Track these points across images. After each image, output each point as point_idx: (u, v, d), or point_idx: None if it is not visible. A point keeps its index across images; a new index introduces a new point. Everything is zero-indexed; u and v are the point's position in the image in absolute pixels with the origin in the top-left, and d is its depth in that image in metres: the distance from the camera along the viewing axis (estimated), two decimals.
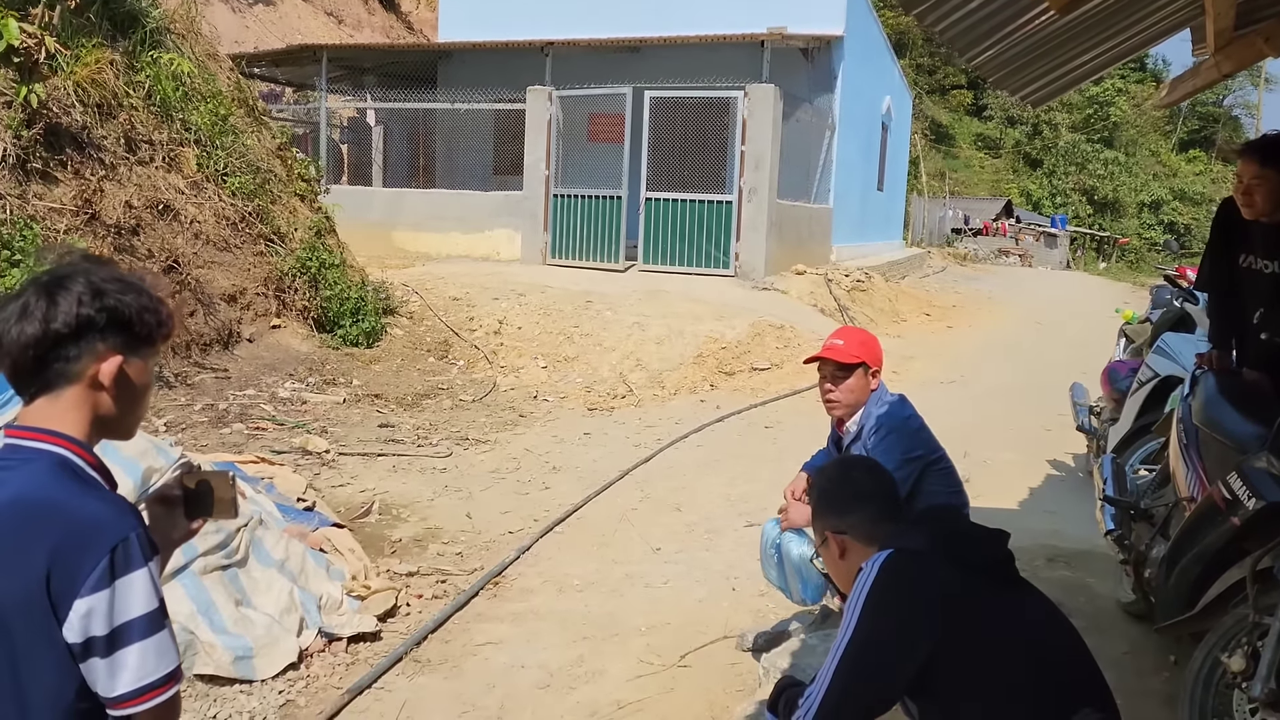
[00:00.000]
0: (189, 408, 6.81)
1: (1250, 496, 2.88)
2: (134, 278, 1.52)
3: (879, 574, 1.92)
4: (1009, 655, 1.85)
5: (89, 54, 7.51)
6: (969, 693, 1.84)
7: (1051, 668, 1.88)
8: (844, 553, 2.14)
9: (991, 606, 1.90)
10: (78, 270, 1.47)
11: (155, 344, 1.54)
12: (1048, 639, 1.92)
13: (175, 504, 1.68)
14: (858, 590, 1.93)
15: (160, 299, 1.53)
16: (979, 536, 2.06)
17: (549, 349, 9.94)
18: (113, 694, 1.39)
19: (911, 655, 1.84)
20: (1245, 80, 46.56)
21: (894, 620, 1.88)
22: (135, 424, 1.58)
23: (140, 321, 1.48)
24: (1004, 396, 9.68)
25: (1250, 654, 2.76)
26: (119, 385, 1.48)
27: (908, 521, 2.17)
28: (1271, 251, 3.59)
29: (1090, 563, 4.96)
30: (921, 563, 1.94)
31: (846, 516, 2.16)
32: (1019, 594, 1.99)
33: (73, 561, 1.35)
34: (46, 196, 6.93)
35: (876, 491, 2.22)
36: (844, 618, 1.94)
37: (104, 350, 1.45)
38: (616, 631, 4.19)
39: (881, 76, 19.92)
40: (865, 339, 3.41)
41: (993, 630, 1.87)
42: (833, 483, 2.28)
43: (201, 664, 3.48)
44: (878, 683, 1.90)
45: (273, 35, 20.97)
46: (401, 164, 17.37)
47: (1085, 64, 4.87)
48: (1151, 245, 39.92)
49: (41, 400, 1.46)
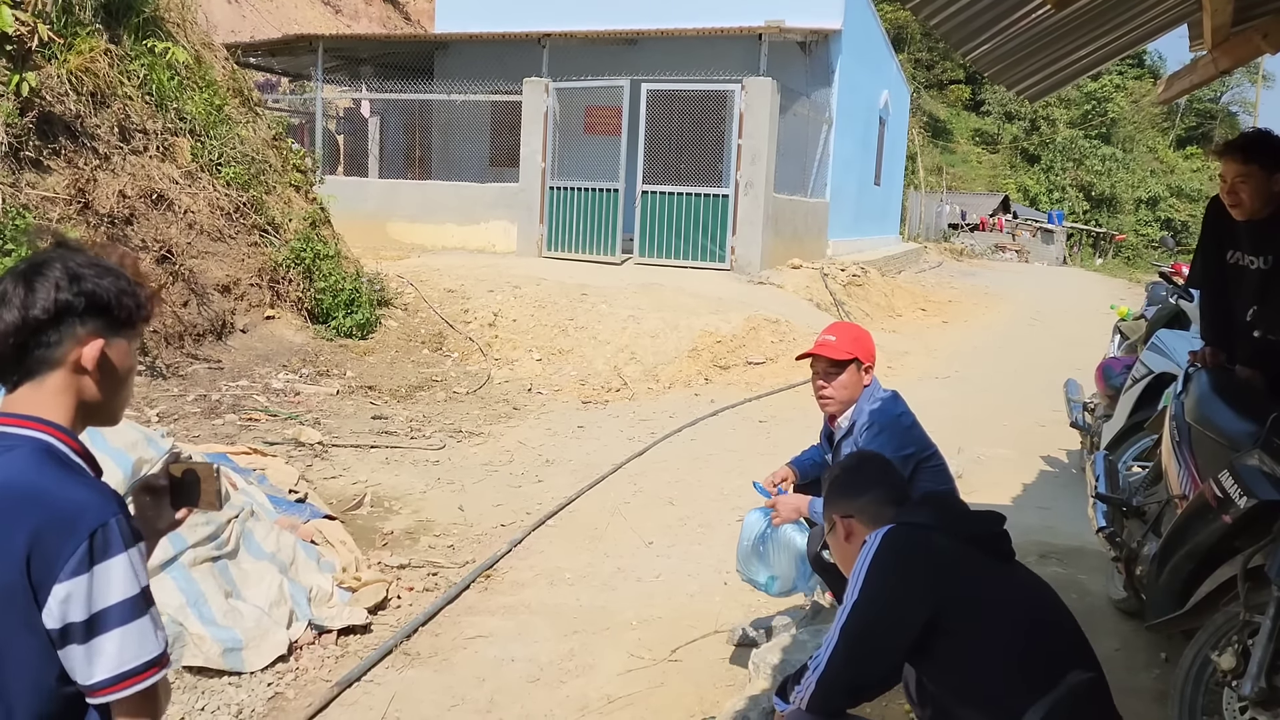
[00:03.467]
0: (182, 398, 6.79)
1: (1242, 494, 2.87)
2: (111, 261, 1.51)
3: (882, 542, 2.03)
4: (1003, 619, 1.96)
5: (83, 42, 7.47)
6: (965, 654, 1.94)
7: (1042, 631, 1.98)
8: (850, 535, 2.25)
9: (988, 575, 2.01)
10: (54, 256, 1.46)
11: (136, 326, 1.53)
12: (1038, 606, 2.04)
13: (161, 493, 1.68)
14: (861, 560, 2.04)
15: (139, 281, 1.53)
16: (976, 514, 2.18)
17: (544, 342, 9.92)
18: (90, 681, 1.37)
19: (913, 616, 1.95)
20: (1243, 77, 46.62)
21: (896, 581, 1.99)
22: (120, 408, 1.57)
23: (119, 304, 1.48)
24: (999, 392, 9.68)
25: (1241, 652, 2.75)
26: (102, 369, 1.48)
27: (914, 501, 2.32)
28: (1258, 247, 3.58)
29: (1082, 559, 4.96)
30: (922, 532, 2.05)
31: (855, 500, 2.28)
32: (1012, 567, 2.10)
33: (52, 546, 1.34)
34: (39, 185, 6.89)
35: (884, 480, 2.35)
36: (848, 588, 2.04)
37: (84, 334, 1.45)
38: (608, 625, 4.18)
39: (879, 71, 19.88)
40: (858, 334, 3.40)
41: (989, 595, 1.98)
42: (845, 472, 2.42)
43: (190, 656, 3.47)
44: (882, 645, 1.99)
45: (269, 25, 20.89)
46: (397, 155, 17.33)
47: (1082, 59, 4.86)
48: (1148, 242, 39.97)
49: (25, 387, 1.45)
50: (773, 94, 12.69)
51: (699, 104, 13.20)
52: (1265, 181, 3.43)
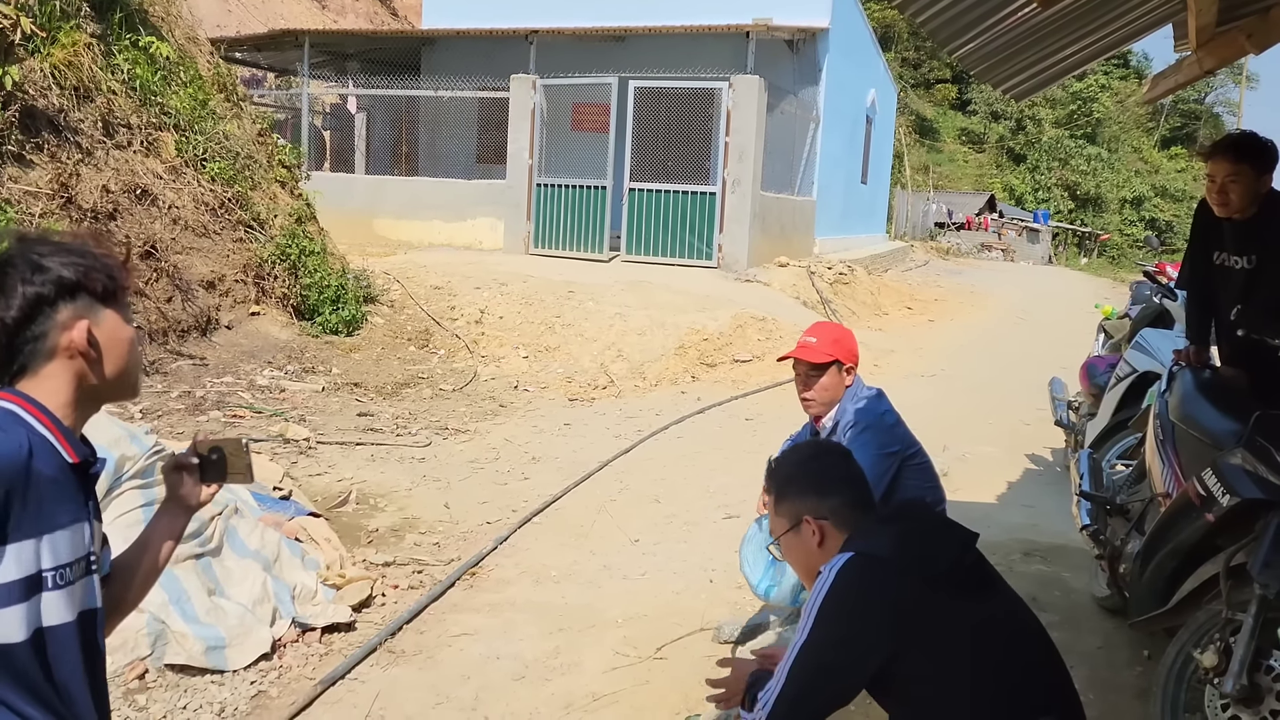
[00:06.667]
0: (165, 395, 6.75)
1: (1224, 493, 2.89)
2: (72, 242, 1.50)
3: (835, 580, 1.89)
4: (971, 660, 1.84)
5: (66, 36, 7.41)
6: (931, 697, 1.84)
7: (1010, 672, 1.86)
8: (823, 539, 2.07)
9: (950, 613, 1.86)
10: (13, 253, 1.46)
11: (117, 296, 1.53)
12: (1013, 643, 1.90)
13: (191, 471, 1.74)
14: (815, 593, 1.91)
15: (102, 254, 1.52)
16: (945, 540, 2.01)
17: (530, 339, 9.90)
18: None
19: (861, 664, 1.86)
20: (1227, 78, 46.88)
21: (844, 630, 1.87)
22: (132, 379, 1.57)
23: (89, 280, 1.48)
24: (984, 390, 9.72)
25: (1223, 650, 2.77)
26: (95, 347, 1.48)
27: (878, 515, 2.13)
28: (1242, 247, 3.61)
29: (1066, 557, 4.99)
30: (878, 570, 1.90)
31: (826, 500, 2.09)
32: (984, 597, 1.95)
33: None
34: (21, 180, 6.84)
35: (849, 476, 2.17)
36: (802, 616, 1.93)
37: (67, 319, 1.45)
38: (593, 623, 4.18)
39: (866, 69, 19.92)
40: (839, 335, 3.38)
41: (954, 636, 1.84)
42: (812, 463, 2.22)
43: (173, 654, 3.44)
44: (829, 687, 1.91)
45: (256, 20, 20.78)
46: (384, 151, 17.25)
47: (1068, 58, 4.88)
48: (1133, 241, 40.19)
49: (23, 381, 1.47)
50: (760, 92, 12.70)
51: (686, 102, 13.18)
52: (1255, 181, 3.46)
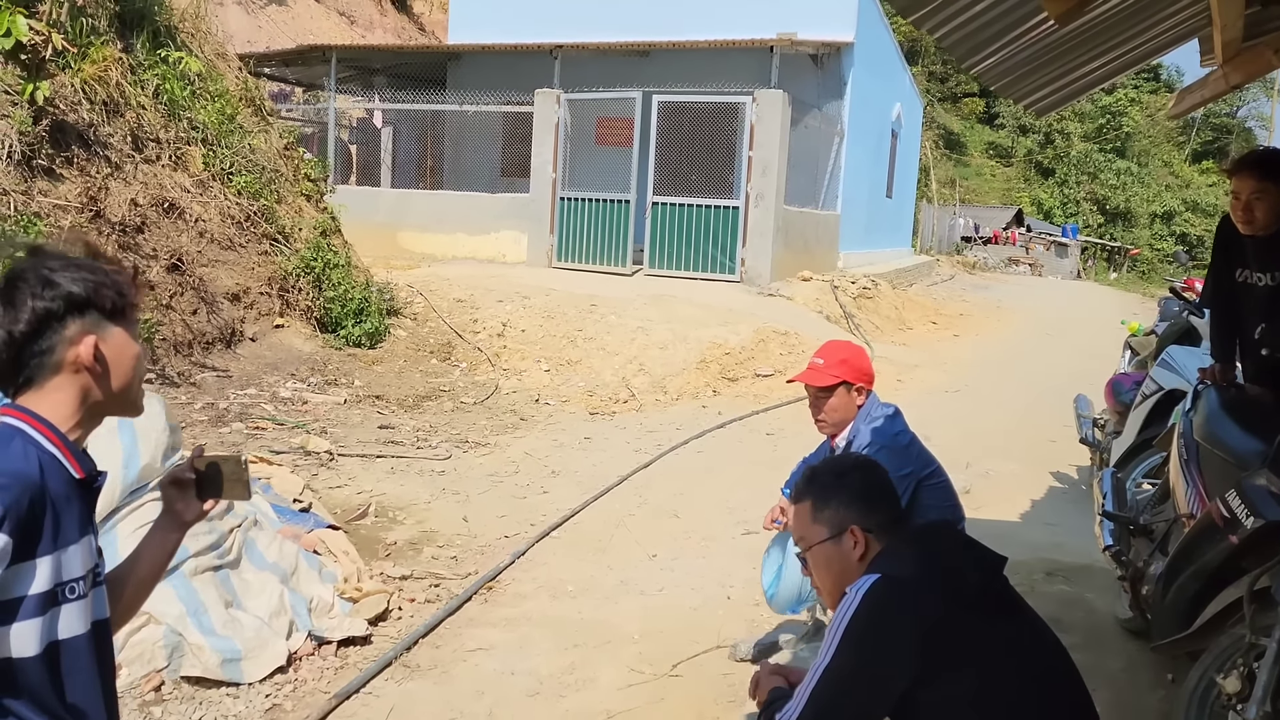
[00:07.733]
0: (189, 406, 6.80)
1: (1249, 514, 2.84)
2: (83, 258, 1.51)
3: (861, 603, 1.86)
4: (996, 688, 1.81)
5: (96, 51, 7.53)
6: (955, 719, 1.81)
7: (1033, 694, 1.83)
8: (865, 552, 2.03)
9: (976, 637, 1.84)
10: (25, 267, 1.47)
11: (126, 312, 1.54)
12: (1033, 669, 1.88)
13: (187, 486, 1.73)
14: (840, 616, 1.88)
15: (114, 270, 1.53)
16: (970, 564, 1.98)
17: (552, 352, 9.91)
18: None
19: (884, 691, 1.82)
20: (1259, 91, 46.37)
21: (869, 654, 1.84)
22: (134, 396, 1.58)
23: (99, 297, 1.49)
24: (1009, 406, 9.62)
25: (1246, 675, 2.72)
26: (101, 362, 1.49)
27: (901, 537, 2.09)
28: (1265, 265, 3.56)
29: (1090, 578, 4.92)
30: (905, 593, 1.87)
31: (874, 513, 2.07)
32: (1008, 621, 1.93)
33: None
34: (51, 193, 6.94)
35: (894, 494, 2.17)
36: (826, 637, 1.90)
37: (75, 334, 1.46)
38: (609, 639, 4.16)
39: (892, 83, 19.86)
40: (847, 355, 3.35)
41: (980, 662, 1.82)
42: (855, 474, 2.19)
43: (189, 666, 3.46)
44: (850, 711, 1.88)
45: (285, 35, 21.01)
46: (409, 165, 17.37)
47: (1090, 74, 4.84)
48: (1163, 256, 39.72)
49: (28, 394, 1.48)
50: (784, 106, 12.68)
51: (710, 116, 13.19)
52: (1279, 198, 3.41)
